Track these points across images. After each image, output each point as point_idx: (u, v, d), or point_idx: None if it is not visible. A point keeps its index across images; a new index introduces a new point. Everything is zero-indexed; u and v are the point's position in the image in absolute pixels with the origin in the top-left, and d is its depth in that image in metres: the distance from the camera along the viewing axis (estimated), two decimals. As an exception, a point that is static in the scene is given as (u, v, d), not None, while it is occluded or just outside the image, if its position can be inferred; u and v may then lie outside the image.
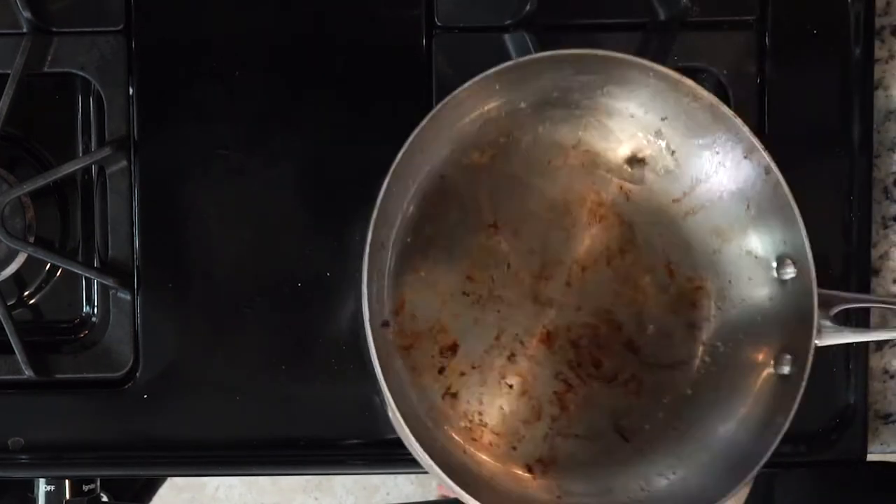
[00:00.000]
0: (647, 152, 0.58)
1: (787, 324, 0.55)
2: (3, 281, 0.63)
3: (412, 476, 1.55)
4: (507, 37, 0.62)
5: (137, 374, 0.63)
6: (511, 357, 0.58)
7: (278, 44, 0.63)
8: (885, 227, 0.66)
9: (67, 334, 0.65)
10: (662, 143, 0.58)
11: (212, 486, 1.54)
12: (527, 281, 0.59)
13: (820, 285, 0.54)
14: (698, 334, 0.59)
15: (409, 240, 0.58)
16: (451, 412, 0.58)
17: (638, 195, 0.59)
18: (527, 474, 0.58)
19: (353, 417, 0.63)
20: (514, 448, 0.58)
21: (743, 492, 1.23)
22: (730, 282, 0.58)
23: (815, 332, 0.53)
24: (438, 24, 0.62)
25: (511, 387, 0.59)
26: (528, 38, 0.61)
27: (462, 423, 0.58)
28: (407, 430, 0.51)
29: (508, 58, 0.62)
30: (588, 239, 0.59)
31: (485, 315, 0.58)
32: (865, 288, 0.64)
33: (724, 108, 0.54)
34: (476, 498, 0.53)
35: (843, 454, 0.64)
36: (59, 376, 0.63)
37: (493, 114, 0.57)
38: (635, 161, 0.59)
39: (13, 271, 0.64)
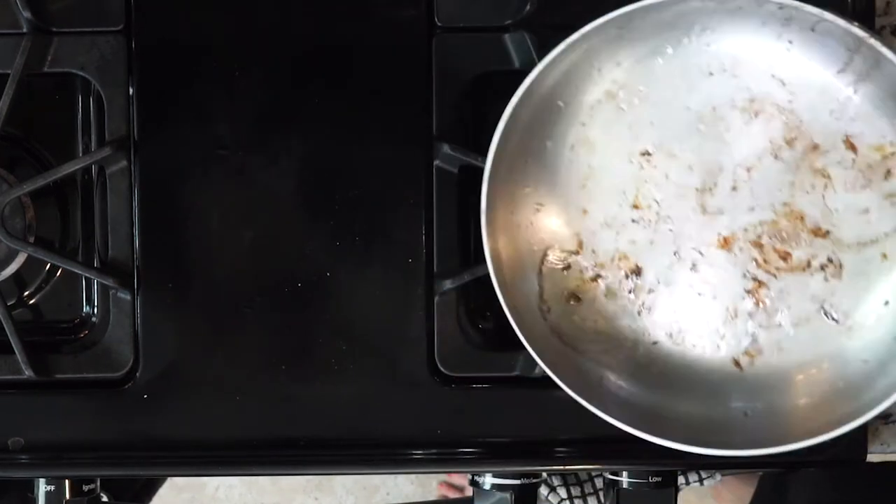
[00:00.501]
0: (787, 32, 0.55)
1: None
2: (3, 281, 0.63)
3: (412, 476, 1.55)
4: (507, 37, 0.62)
5: (137, 374, 0.63)
6: (693, 267, 0.59)
7: (278, 44, 0.63)
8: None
9: (67, 334, 0.65)
10: (800, 21, 0.54)
11: (212, 486, 1.54)
12: (691, 196, 0.59)
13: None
14: None
15: (570, 184, 0.60)
16: (649, 325, 0.60)
17: (794, 77, 0.57)
18: (735, 368, 0.59)
19: (353, 417, 0.63)
20: (718, 347, 0.59)
21: (744, 490, 1.23)
22: None
23: None
24: (438, 24, 0.62)
25: (700, 294, 0.59)
26: (528, 38, 0.61)
27: (663, 332, 0.60)
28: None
29: (509, 58, 0.62)
30: (747, 139, 0.58)
31: (658, 236, 0.59)
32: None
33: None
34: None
35: (843, 454, 0.64)
36: (59, 376, 0.63)
37: (623, 46, 0.57)
38: (781, 47, 0.56)
39: (13, 271, 0.64)
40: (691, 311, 0.60)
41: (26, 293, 0.66)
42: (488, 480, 0.65)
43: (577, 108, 0.59)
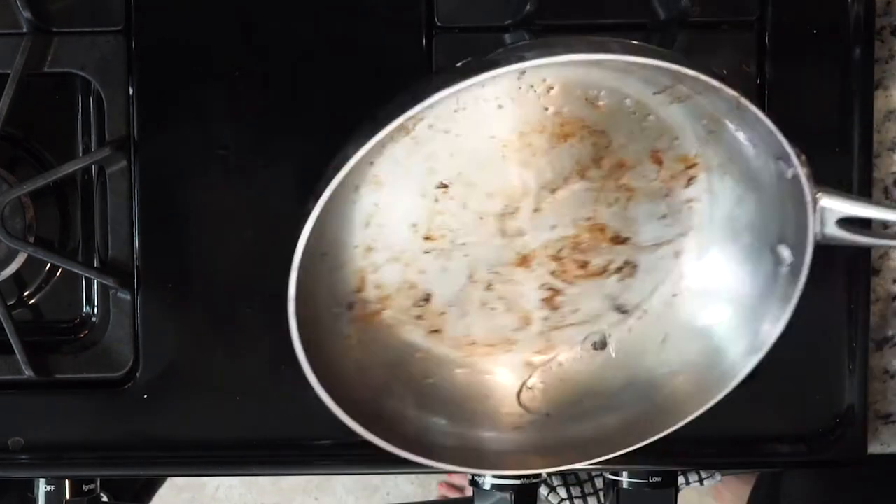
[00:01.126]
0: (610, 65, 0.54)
1: (787, 216, 0.53)
2: (3, 281, 0.63)
3: (412, 476, 1.55)
4: (507, 37, 0.62)
5: (137, 374, 0.63)
6: (489, 287, 0.58)
7: (278, 44, 0.63)
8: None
9: (67, 334, 0.65)
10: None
11: (212, 486, 1.54)
12: (490, 221, 0.57)
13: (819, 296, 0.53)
14: (697, 207, 0.57)
15: (354, 218, 0.56)
16: (439, 343, 0.58)
17: (608, 98, 0.56)
18: (529, 368, 0.59)
19: (353, 417, 0.63)
20: (510, 351, 0.59)
21: (744, 490, 1.23)
22: (728, 160, 0.55)
23: (811, 222, 0.51)
24: (438, 24, 0.62)
25: (494, 309, 0.58)
26: (528, 38, 0.61)
27: (452, 347, 0.58)
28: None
29: (508, 58, 0.62)
30: (554, 162, 0.56)
31: (452, 262, 0.57)
32: (866, 289, 0.64)
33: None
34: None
35: (843, 454, 0.64)
36: (59, 376, 0.63)
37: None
38: (601, 72, 0.55)
39: (13, 271, 0.64)
40: (483, 325, 0.58)
41: (26, 293, 0.66)
42: (488, 480, 0.65)
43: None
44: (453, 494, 1.51)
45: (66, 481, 0.67)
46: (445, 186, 0.56)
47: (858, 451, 0.65)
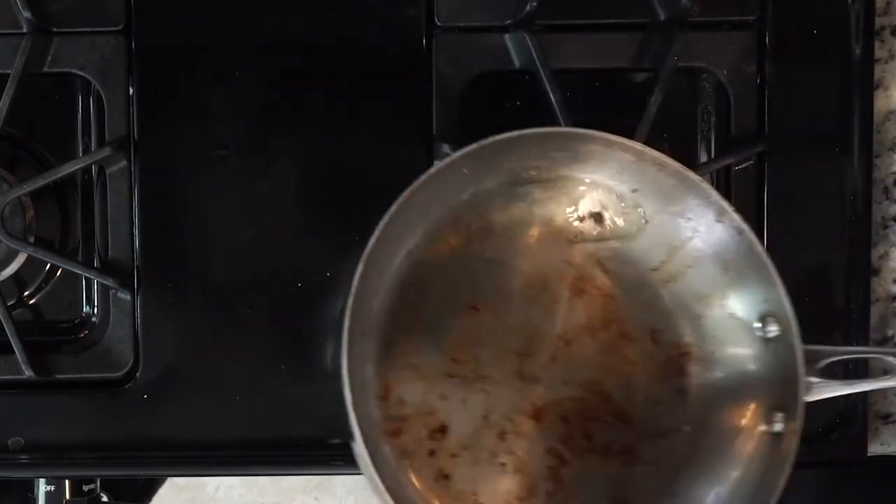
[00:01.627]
0: (621, 223, 0.58)
1: (776, 382, 0.55)
2: (3, 281, 0.63)
3: (412, 476, 1.55)
4: (507, 37, 0.62)
5: (137, 374, 0.63)
6: (501, 435, 0.58)
7: (278, 44, 0.63)
8: (885, 227, 0.66)
9: (67, 334, 0.65)
10: (637, 213, 0.58)
11: (212, 486, 1.54)
12: (511, 359, 0.58)
13: (819, 296, 0.54)
14: (688, 399, 0.59)
15: (390, 326, 0.57)
16: (445, 495, 0.57)
17: (617, 266, 0.59)
18: None
19: (353, 417, 0.63)
20: None
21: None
22: (715, 345, 0.58)
23: (801, 389, 0.53)
24: (438, 24, 0.62)
25: (503, 465, 0.58)
26: (528, 38, 0.61)
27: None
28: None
29: (509, 58, 0.62)
30: (570, 313, 0.59)
31: (472, 395, 0.58)
32: (866, 289, 0.64)
33: (691, 175, 0.54)
34: None
35: (843, 454, 0.64)
36: (59, 376, 0.63)
37: (464, 196, 0.57)
38: (613, 234, 0.59)
39: (13, 271, 0.64)
40: (490, 485, 0.58)
41: (26, 293, 0.66)
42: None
43: (419, 246, 0.57)
44: None
45: (66, 481, 0.67)
46: (477, 309, 0.58)
47: (858, 451, 0.65)
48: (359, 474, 0.56)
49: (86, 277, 0.65)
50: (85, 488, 0.67)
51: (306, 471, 0.78)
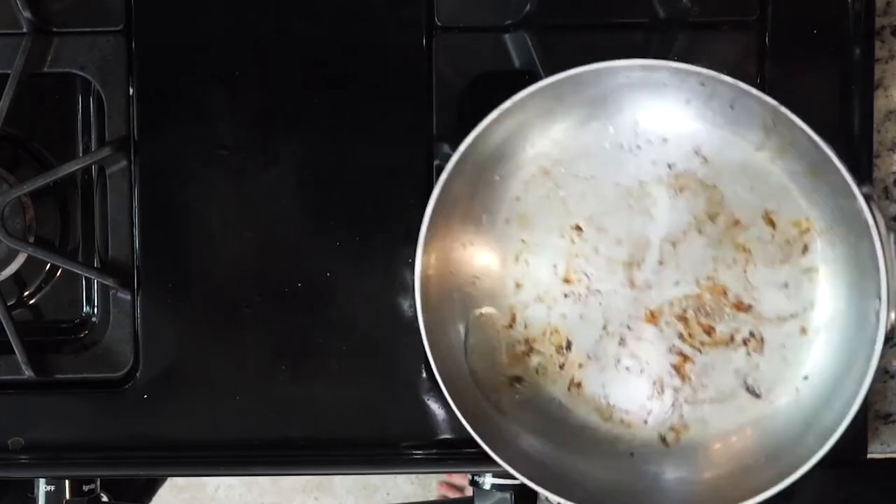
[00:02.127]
0: (707, 111, 0.57)
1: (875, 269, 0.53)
2: (3, 281, 0.63)
3: (412, 476, 1.55)
4: (507, 37, 0.62)
5: (137, 374, 0.63)
6: (622, 342, 0.60)
7: (278, 44, 0.63)
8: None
9: (67, 334, 0.65)
10: (719, 102, 0.56)
11: (212, 486, 1.54)
12: (620, 270, 0.60)
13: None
14: (815, 277, 0.58)
15: (504, 256, 0.61)
16: (579, 400, 0.60)
17: (716, 154, 0.58)
18: (662, 445, 0.60)
19: (352, 417, 0.63)
20: (645, 422, 0.60)
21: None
22: (836, 220, 0.57)
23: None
24: (438, 24, 0.62)
25: (628, 368, 0.60)
26: (528, 38, 0.61)
27: (592, 406, 0.60)
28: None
29: (509, 58, 0.62)
30: (672, 214, 0.59)
31: (588, 310, 0.60)
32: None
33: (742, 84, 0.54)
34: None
35: (843, 454, 0.64)
36: (59, 376, 0.63)
37: (555, 121, 0.59)
38: (702, 125, 0.58)
39: (13, 271, 0.64)
40: (619, 387, 0.60)
41: (26, 293, 0.66)
42: (488, 480, 0.65)
43: (511, 182, 0.60)
44: (453, 494, 1.51)
45: (66, 481, 0.67)
46: (580, 229, 0.60)
47: (858, 451, 0.65)
48: (359, 474, 0.56)
49: (86, 277, 0.65)
50: (85, 488, 0.67)
51: (306, 471, 0.78)
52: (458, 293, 0.60)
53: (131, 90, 0.62)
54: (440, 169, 0.62)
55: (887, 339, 0.52)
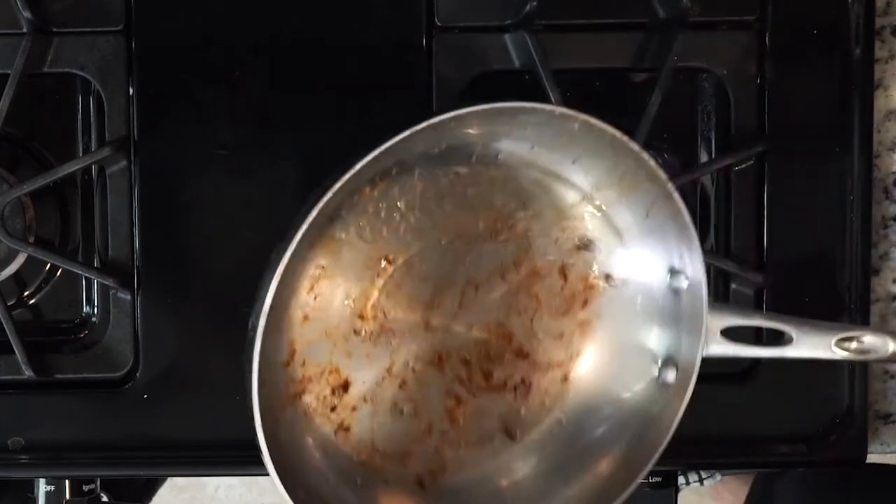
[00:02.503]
0: (542, 157, 0.56)
1: (677, 332, 0.56)
2: (3, 281, 0.63)
3: (412, 476, 1.55)
4: (507, 37, 0.62)
5: (137, 374, 0.63)
6: (403, 384, 0.58)
7: (278, 44, 0.63)
8: (885, 227, 0.66)
9: (67, 334, 0.65)
10: (557, 154, 0.56)
11: (212, 486, 1.54)
12: (419, 310, 0.58)
13: (818, 295, 0.54)
14: (587, 332, 0.59)
15: (296, 283, 0.56)
16: (345, 445, 0.58)
17: (538, 203, 0.58)
18: (419, 487, 0.58)
19: (353, 417, 0.63)
20: (405, 465, 0.59)
21: (742, 490, 1.23)
22: (624, 282, 0.58)
23: (701, 341, 0.54)
24: (438, 24, 0.62)
25: (402, 412, 0.59)
26: (528, 38, 0.61)
27: (355, 455, 0.58)
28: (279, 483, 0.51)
29: (509, 58, 0.62)
30: (482, 258, 0.58)
31: (376, 349, 0.58)
32: (866, 287, 0.64)
33: (623, 138, 0.52)
34: None
35: (843, 454, 0.64)
36: (59, 376, 0.63)
37: (389, 162, 0.55)
38: (533, 172, 0.57)
39: (13, 271, 0.64)
40: (389, 430, 0.58)
41: (26, 293, 0.66)
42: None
43: (332, 202, 0.53)
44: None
45: (66, 481, 0.67)
46: (390, 261, 0.57)
47: (858, 451, 0.65)
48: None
49: (86, 277, 0.65)
50: (85, 488, 0.67)
51: (306, 471, 0.78)
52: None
53: (131, 90, 0.62)
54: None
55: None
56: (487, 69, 0.63)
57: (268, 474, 0.50)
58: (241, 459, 0.64)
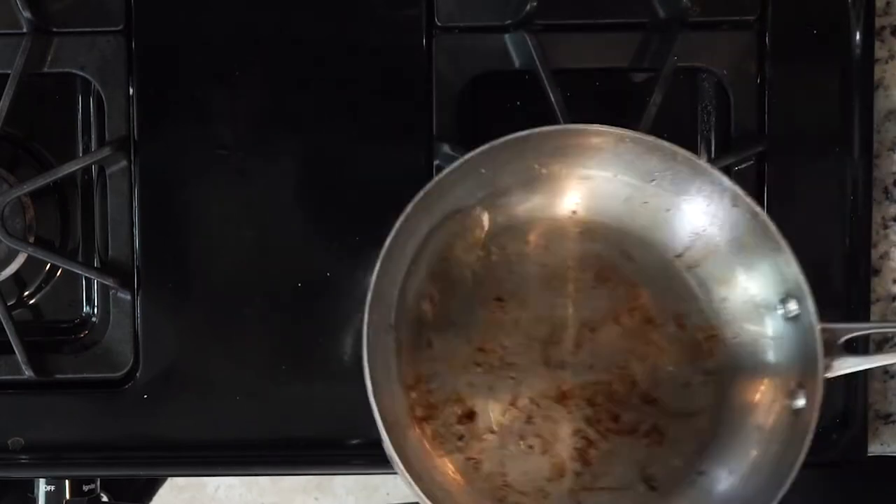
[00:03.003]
0: (642, 212, 0.59)
1: (797, 360, 0.56)
2: (3, 281, 0.63)
3: (412, 476, 1.54)
4: (507, 37, 0.62)
5: (137, 374, 0.63)
6: (529, 419, 0.59)
7: (278, 43, 0.63)
8: (885, 227, 0.66)
9: (67, 334, 0.65)
10: (655, 203, 0.59)
11: (212, 486, 1.54)
12: (537, 347, 0.59)
13: (819, 296, 0.55)
14: (714, 380, 0.60)
15: (416, 318, 0.59)
16: (475, 476, 0.59)
17: (640, 255, 0.60)
18: None
19: (353, 417, 0.63)
20: None
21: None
22: (739, 327, 0.59)
23: (820, 367, 0.55)
24: (438, 24, 0.62)
25: (531, 447, 0.59)
26: (528, 38, 0.61)
27: (487, 486, 0.58)
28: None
29: (509, 58, 0.62)
30: (594, 301, 0.60)
31: (499, 382, 0.59)
32: (866, 287, 0.64)
33: (702, 163, 0.56)
34: None
35: (843, 454, 0.64)
36: (59, 376, 0.63)
37: (480, 194, 0.58)
38: (633, 225, 0.60)
39: (13, 271, 0.64)
40: (519, 465, 0.59)
41: (26, 293, 0.66)
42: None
43: (443, 239, 0.59)
44: None
45: (66, 481, 0.67)
46: (502, 301, 0.59)
47: (858, 451, 0.65)
48: (359, 474, 0.56)
49: (86, 277, 0.65)
50: (85, 488, 0.67)
51: (306, 471, 0.78)
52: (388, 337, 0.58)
53: (131, 90, 0.62)
54: (440, 168, 0.62)
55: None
56: (487, 69, 0.63)
57: (267, 475, 0.51)
58: (241, 459, 0.64)
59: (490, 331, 0.59)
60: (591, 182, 0.59)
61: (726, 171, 0.64)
